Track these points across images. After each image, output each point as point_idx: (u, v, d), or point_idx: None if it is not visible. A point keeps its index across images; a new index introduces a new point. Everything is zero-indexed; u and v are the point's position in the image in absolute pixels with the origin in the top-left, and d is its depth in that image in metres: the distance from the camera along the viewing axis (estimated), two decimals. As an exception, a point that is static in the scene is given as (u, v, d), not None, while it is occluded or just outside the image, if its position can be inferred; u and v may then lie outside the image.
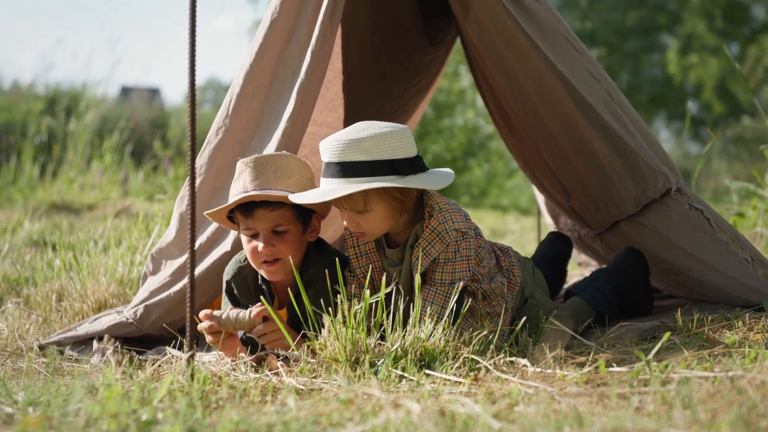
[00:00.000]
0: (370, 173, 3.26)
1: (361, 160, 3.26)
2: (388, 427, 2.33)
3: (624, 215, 4.45)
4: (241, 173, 3.50)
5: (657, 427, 2.22)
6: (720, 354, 3.11)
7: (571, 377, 2.82)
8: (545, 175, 4.93)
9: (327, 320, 3.09)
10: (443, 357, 3.05)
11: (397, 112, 5.69)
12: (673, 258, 4.30)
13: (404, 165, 3.30)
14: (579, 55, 4.25)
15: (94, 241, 5.22)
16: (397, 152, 3.30)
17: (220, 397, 2.80)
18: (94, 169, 11.76)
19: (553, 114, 4.31)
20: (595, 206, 4.65)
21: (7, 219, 8.69)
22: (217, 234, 3.95)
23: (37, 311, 4.57)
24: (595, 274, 4.32)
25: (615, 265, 4.35)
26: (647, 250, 4.38)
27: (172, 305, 3.93)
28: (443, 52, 5.73)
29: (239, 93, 4.01)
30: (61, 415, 2.47)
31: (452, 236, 3.36)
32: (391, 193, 3.34)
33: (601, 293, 4.15)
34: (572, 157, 4.45)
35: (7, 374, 3.48)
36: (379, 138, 3.28)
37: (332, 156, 3.31)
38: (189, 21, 2.96)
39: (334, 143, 3.30)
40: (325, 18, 3.93)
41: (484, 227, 10.35)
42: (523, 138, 4.86)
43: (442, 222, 3.37)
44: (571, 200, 4.84)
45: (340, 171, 3.28)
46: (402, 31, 5.36)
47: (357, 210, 3.36)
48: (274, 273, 3.51)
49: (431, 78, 5.85)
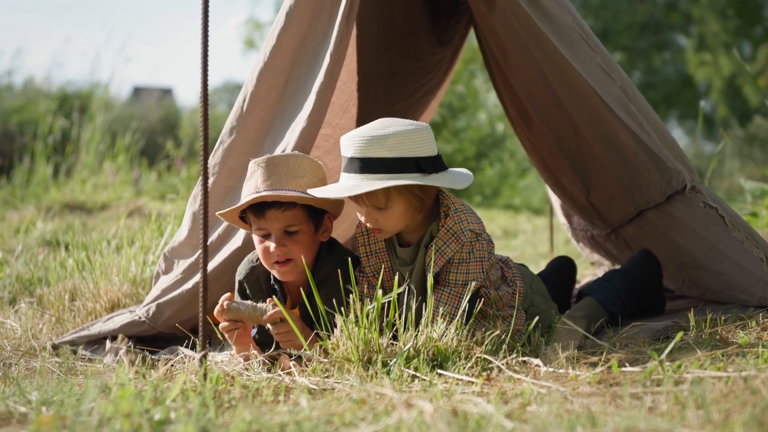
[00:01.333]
0: (395, 170, 3.25)
1: (386, 156, 3.25)
2: (400, 427, 2.33)
3: (651, 203, 4.42)
4: (253, 173, 3.50)
5: (670, 427, 2.21)
6: (733, 354, 3.09)
7: (583, 377, 2.82)
8: (563, 171, 4.91)
9: (339, 320, 3.10)
10: (456, 357, 3.04)
11: (408, 111, 5.69)
12: (697, 250, 4.27)
13: (428, 163, 3.29)
14: (593, 52, 4.23)
15: (106, 241, 5.22)
16: (421, 150, 3.29)
17: (232, 397, 2.80)
18: (106, 169, 11.78)
19: (578, 105, 4.29)
20: (619, 196, 4.62)
21: (20, 219, 8.71)
22: (228, 231, 3.95)
23: (50, 311, 4.59)
24: (608, 275, 4.30)
25: (628, 267, 4.33)
26: (672, 240, 4.36)
27: (184, 303, 3.94)
28: (451, 52, 5.72)
29: (252, 92, 4.01)
30: (75, 414, 2.47)
31: (467, 236, 3.35)
32: (413, 191, 3.33)
33: (615, 294, 4.13)
34: (597, 148, 4.43)
35: (20, 374, 3.49)
36: (404, 135, 3.27)
37: (356, 151, 3.30)
38: (201, 20, 2.97)
39: (358, 138, 3.29)
40: (342, 20, 3.93)
41: (496, 227, 10.34)
42: (542, 133, 4.84)
43: (458, 222, 3.36)
44: (590, 195, 4.82)
45: (364, 167, 3.27)
46: (411, 30, 5.36)
47: (377, 207, 3.35)
48: (286, 273, 3.51)
49: (441, 77, 5.85)
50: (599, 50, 4.26)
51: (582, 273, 5.90)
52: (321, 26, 4.01)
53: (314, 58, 4.00)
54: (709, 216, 4.19)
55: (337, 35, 3.91)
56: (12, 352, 3.88)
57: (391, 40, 5.33)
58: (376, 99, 5.41)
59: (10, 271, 5.42)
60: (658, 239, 4.46)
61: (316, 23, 4.02)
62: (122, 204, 10.31)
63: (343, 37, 3.95)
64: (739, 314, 3.81)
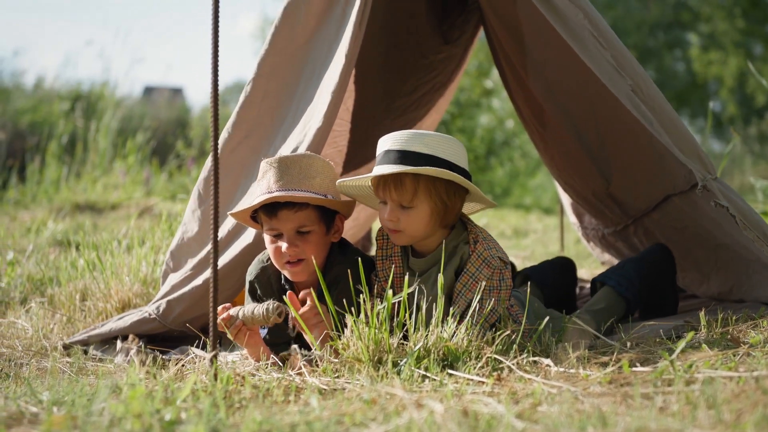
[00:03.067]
0: (429, 164, 3.30)
1: (423, 152, 3.32)
2: (411, 427, 2.33)
3: (677, 190, 4.42)
4: (265, 173, 3.49)
5: (681, 427, 2.21)
6: (744, 354, 3.09)
7: (594, 377, 2.82)
8: (582, 165, 4.90)
9: (350, 320, 3.10)
10: (466, 357, 3.04)
11: (410, 108, 5.68)
12: (724, 236, 4.27)
13: (460, 172, 3.36)
14: (603, 49, 4.22)
15: (117, 241, 5.24)
16: (455, 158, 3.37)
17: (243, 397, 2.80)
18: (117, 169, 11.81)
19: (605, 96, 4.28)
20: (644, 184, 4.61)
21: (31, 219, 8.74)
22: (238, 227, 3.96)
23: (61, 311, 4.60)
24: (621, 263, 4.32)
25: (642, 255, 4.35)
26: (701, 226, 4.35)
27: (194, 300, 3.94)
28: (460, 51, 5.72)
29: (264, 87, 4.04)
30: (86, 414, 2.48)
31: (497, 263, 3.38)
32: (440, 195, 3.36)
33: (628, 280, 4.14)
34: (624, 137, 4.43)
35: (32, 374, 3.50)
36: (442, 139, 3.36)
37: (393, 144, 3.37)
38: (212, 19, 2.97)
39: (398, 134, 3.38)
40: (356, 20, 3.93)
41: (506, 226, 10.33)
42: (557, 129, 4.84)
43: (488, 248, 3.40)
44: (610, 186, 4.81)
45: (400, 158, 3.33)
46: (415, 27, 5.36)
47: (402, 203, 3.37)
48: (298, 273, 3.51)
49: (448, 75, 5.84)
50: (610, 48, 4.25)
51: (592, 272, 5.90)
52: (336, 26, 4.02)
53: (327, 56, 4.01)
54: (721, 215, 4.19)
55: (352, 36, 3.92)
56: (23, 352, 3.90)
57: (393, 36, 5.32)
58: (375, 93, 5.41)
59: (21, 271, 5.43)
60: (691, 222, 4.44)
61: (329, 25, 4.04)
62: (133, 204, 10.33)
63: (356, 38, 3.95)
64: (751, 314, 3.81)
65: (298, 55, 4.05)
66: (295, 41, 4.06)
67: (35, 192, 10.96)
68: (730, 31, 24.95)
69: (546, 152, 5.21)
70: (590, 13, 4.17)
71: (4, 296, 5.02)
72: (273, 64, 4.07)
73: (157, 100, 19.28)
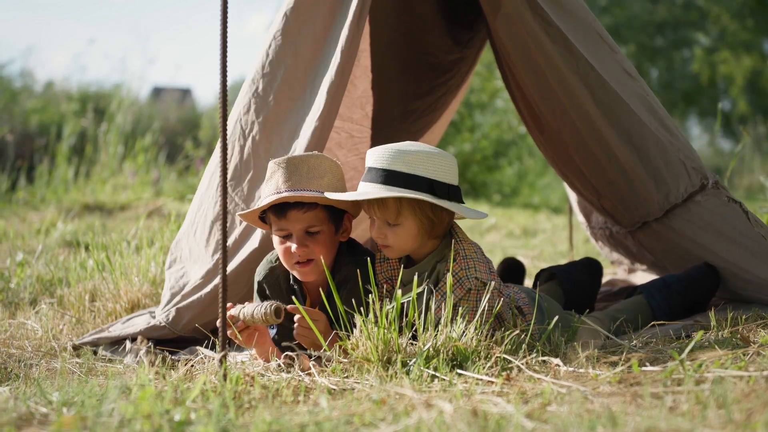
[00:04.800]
0: (407, 186, 3.28)
1: (402, 171, 3.30)
2: (420, 427, 2.33)
3: (651, 217, 4.44)
4: (273, 174, 3.50)
5: (691, 426, 2.20)
6: (755, 353, 3.08)
7: (604, 377, 2.81)
8: (576, 175, 4.92)
9: (359, 320, 3.10)
10: (475, 356, 3.04)
11: (427, 110, 5.68)
12: (705, 254, 4.27)
13: (442, 188, 3.32)
14: (613, 52, 4.23)
15: (126, 242, 5.24)
16: (438, 174, 3.33)
17: (252, 398, 2.80)
18: (126, 170, 11.82)
19: (579, 116, 4.30)
20: (624, 206, 4.65)
21: (41, 220, 8.75)
22: (245, 233, 3.96)
23: (71, 312, 4.61)
24: (670, 280, 4.27)
25: (694, 280, 4.28)
26: (680, 247, 4.36)
27: (204, 307, 3.94)
28: (473, 52, 5.71)
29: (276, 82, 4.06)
30: (95, 415, 2.48)
31: (472, 283, 3.31)
32: (425, 212, 3.35)
33: (668, 304, 4.14)
34: (601, 159, 4.45)
35: (41, 374, 3.50)
36: (424, 155, 3.32)
37: (375, 162, 3.36)
38: (221, 20, 2.97)
39: (382, 150, 3.36)
40: (353, 19, 3.94)
41: (515, 226, 10.31)
42: (552, 138, 4.85)
43: (465, 268, 3.33)
44: (601, 200, 4.83)
45: (380, 177, 3.32)
46: (426, 29, 5.35)
47: (388, 221, 3.37)
48: (308, 273, 3.52)
49: (462, 77, 5.83)
50: (619, 51, 4.26)
51: (613, 271, 5.89)
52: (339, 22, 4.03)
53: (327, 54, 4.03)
54: (711, 228, 4.21)
55: (349, 34, 3.93)
56: (33, 353, 3.90)
57: (407, 38, 5.32)
58: (391, 96, 5.41)
59: (31, 272, 5.44)
60: (669, 244, 4.46)
61: (336, 25, 4.05)
62: (142, 204, 10.34)
63: (354, 36, 3.96)
64: (761, 313, 3.80)
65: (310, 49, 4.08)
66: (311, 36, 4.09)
67: (44, 193, 10.97)
68: (739, 31, 24.89)
69: (548, 155, 5.21)
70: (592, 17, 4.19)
71: (14, 297, 5.03)
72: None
73: (166, 100, 19.28)
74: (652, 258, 4.92)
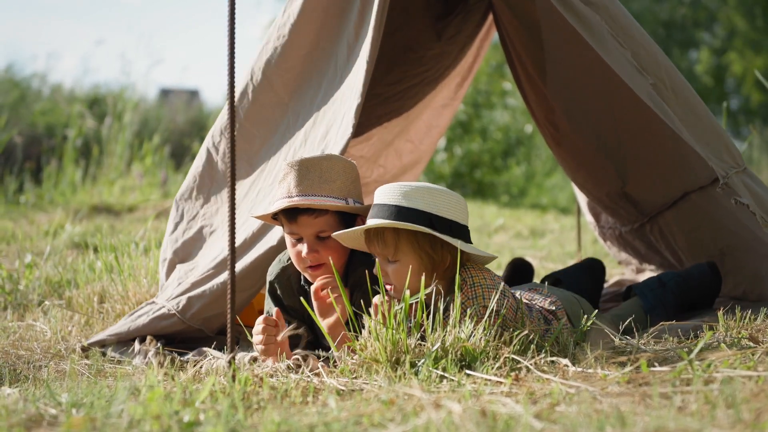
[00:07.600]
0: (406, 219, 3.26)
1: (402, 205, 3.27)
2: (429, 428, 2.33)
3: (695, 186, 4.41)
4: (285, 176, 3.49)
5: (700, 426, 2.20)
6: (763, 353, 3.08)
7: (612, 377, 2.81)
8: (596, 165, 4.89)
9: (367, 321, 3.10)
10: (484, 357, 3.04)
11: (393, 97, 5.68)
12: (743, 230, 4.26)
13: (442, 223, 3.28)
14: (623, 48, 4.22)
15: (134, 243, 5.25)
16: (441, 210, 3.29)
17: (261, 398, 2.81)
18: (134, 171, 11.84)
19: (625, 94, 4.27)
20: (660, 182, 4.60)
21: (49, 221, 8.76)
22: (262, 229, 3.98)
23: (79, 313, 4.61)
24: (666, 277, 4.26)
25: (693, 278, 4.27)
26: (717, 222, 4.34)
27: (214, 297, 3.95)
28: (456, 48, 5.69)
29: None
30: (105, 416, 2.49)
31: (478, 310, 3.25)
32: (424, 248, 3.31)
33: (662, 303, 4.11)
34: (642, 135, 4.43)
35: (50, 376, 3.51)
36: (426, 191, 3.30)
37: (380, 198, 3.34)
38: (228, 21, 2.98)
39: (389, 188, 3.34)
40: (375, 24, 3.96)
41: (523, 227, 10.30)
42: (570, 130, 4.83)
43: (471, 297, 3.29)
44: (627, 186, 4.80)
45: (380, 212, 3.30)
46: (407, 19, 5.33)
47: (387, 257, 3.35)
48: (319, 277, 3.51)
49: (441, 71, 5.81)
50: (631, 45, 4.23)
51: (610, 272, 5.88)
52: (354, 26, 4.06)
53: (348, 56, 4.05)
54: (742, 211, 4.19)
55: (372, 39, 3.96)
56: (42, 355, 3.91)
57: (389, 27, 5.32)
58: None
59: (39, 274, 5.45)
60: (707, 217, 4.43)
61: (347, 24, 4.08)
62: (150, 206, 10.36)
63: (375, 41, 3.99)
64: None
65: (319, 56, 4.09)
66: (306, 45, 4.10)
67: (52, 194, 10.98)
68: (749, 31, 24.87)
69: (559, 153, 5.20)
70: (611, 9, 4.16)
71: (23, 299, 5.04)
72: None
73: (174, 102, 19.29)
74: (672, 247, 4.88)
